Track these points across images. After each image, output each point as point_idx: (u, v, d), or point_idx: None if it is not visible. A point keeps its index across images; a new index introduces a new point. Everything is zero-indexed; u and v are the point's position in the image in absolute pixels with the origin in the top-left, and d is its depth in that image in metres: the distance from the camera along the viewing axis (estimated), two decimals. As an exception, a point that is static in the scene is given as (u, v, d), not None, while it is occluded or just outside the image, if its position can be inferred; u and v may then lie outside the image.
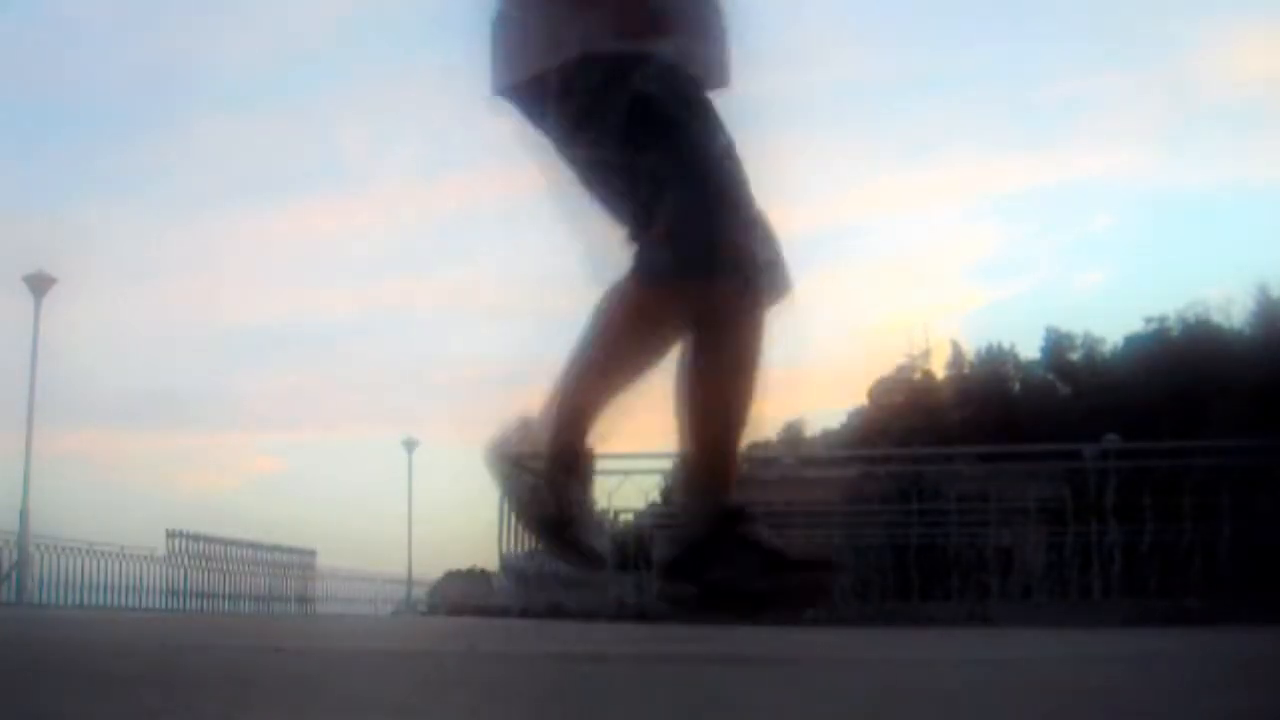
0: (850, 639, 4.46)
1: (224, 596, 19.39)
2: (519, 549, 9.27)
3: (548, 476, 2.51)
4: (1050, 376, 34.54)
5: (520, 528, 2.56)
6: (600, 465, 2.93)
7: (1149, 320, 32.71)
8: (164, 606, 17.62)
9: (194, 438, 50.91)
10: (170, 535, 19.00)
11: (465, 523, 47.82)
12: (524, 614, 7.28)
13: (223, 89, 46.23)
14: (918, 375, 34.04)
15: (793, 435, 36.81)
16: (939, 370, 34.71)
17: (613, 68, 2.49)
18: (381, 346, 49.21)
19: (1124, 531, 10.31)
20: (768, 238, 2.46)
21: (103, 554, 18.88)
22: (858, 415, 34.37)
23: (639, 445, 2.65)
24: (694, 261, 2.38)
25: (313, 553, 22.71)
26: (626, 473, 11.11)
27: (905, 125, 46.55)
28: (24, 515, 18.91)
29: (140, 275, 46.65)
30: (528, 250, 2.95)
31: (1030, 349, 35.14)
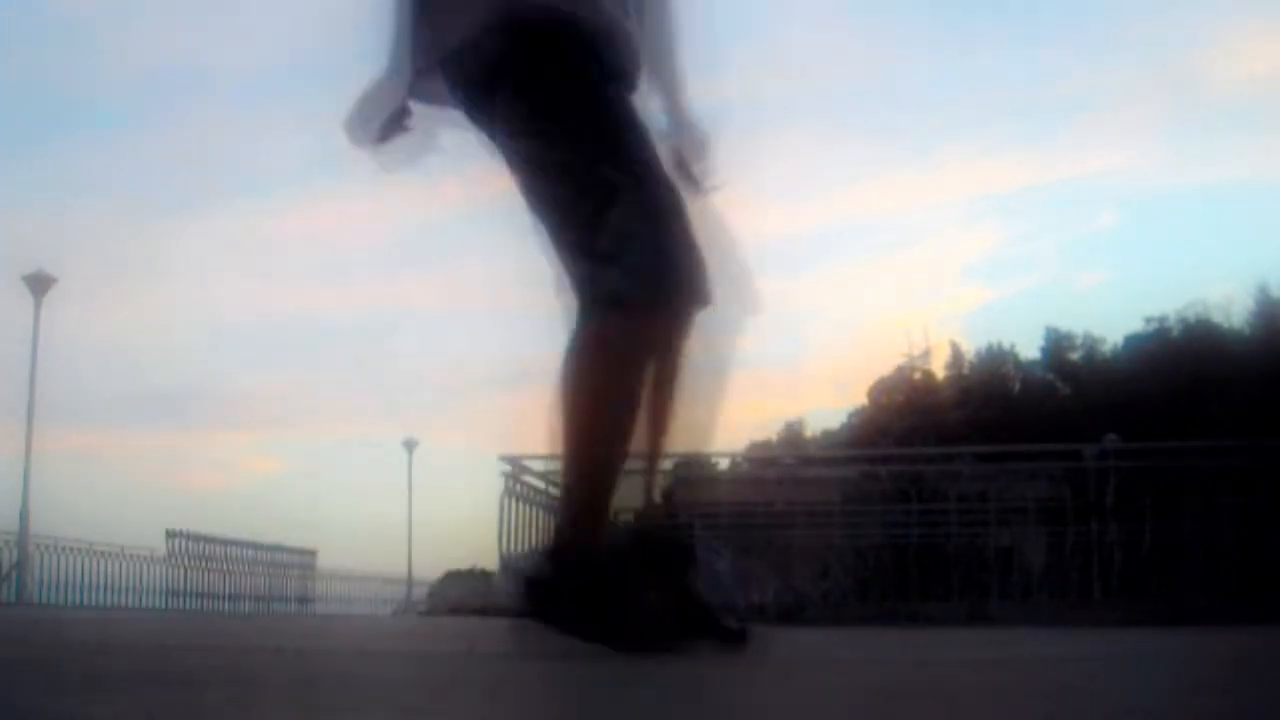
0: (850, 639, 4.46)
1: (224, 596, 19.39)
2: (519, 549, 9.27)
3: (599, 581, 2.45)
4: (1050, 376, 34.53)
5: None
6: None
7: (1149, 320, 32.73)
8: (164, 606, 17.62)
9: (194, 437, 50.92)
10: (170, 535, 19.03)
11: (465, 523, 47.81)
12: (524, 614, 7.26)
13: (222, 89, 46.23)
14: (918, 375, 34.00)
15: (793, 435, 36.82)
16: (939, 370, 34.69)
17: (580, 49, 2.34)
18: (381, 346, 49.25)
19: (1124, 531, 10.30)
20: (727, 252, 2.47)
21: (103, 554, 18.90)
22: (858, 415, 34.35)
23: (639, 445, 2.62)
24: (652, 280, 2.34)
25: (313, 553, 22.72)
26: (626, 472, 11.08)
27: (905, 125, 46.55)
28: (24, 515, 18.93)
29: (140, 275, 46.68)
30: (526, 250, 2.96)
31: (1030, 349, 35.16)
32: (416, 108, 2.57)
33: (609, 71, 2.41)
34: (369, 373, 51.60)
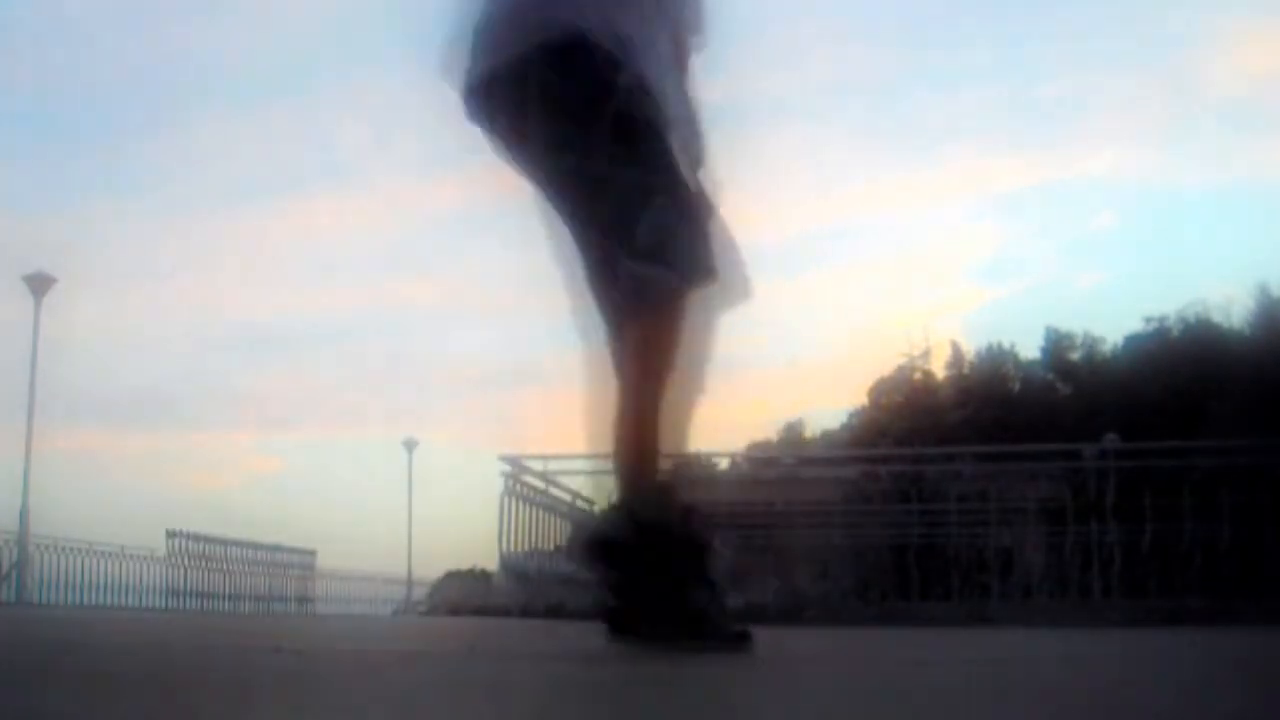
0: (850, 639, 4.46)
1: (224, 596, 19.38)
2: (519, 549, 9.27)
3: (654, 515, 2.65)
4: (1050, 376, 34.52)
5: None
6: (597, 465, 3.01)
7: (1149, 320, 32.72)
8: (164, 606, 17.61)
9: (194, 437, 50.94)
10: (170, 535, 19.04)
11: (465, 523, 47.83)
12: (524, 614, 7.27)
13: (222, 88, 46.26)
14: (918, 375, 34.00)
15: (793, 435, 36.83)
16: (939, 370, 34.68)
17: (603, 63, 2.52)
18: (381, 346, 49.27)
19: (1124, 531, 10.30)
20: (727, 242, 2.60)
21: (103, 554, 18.91)
22: (858, 415, 34.35)
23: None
24: (691, 274, 2.53)
25: (313, 553, 22.72)
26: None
27: (905, 125, 46.56)
28: (24, 515, 18.93)
29: (140, 275, 46.69)
30: (525, 250, 2.98)
31: (1030, 349, 35.17)
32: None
33: (630, 80, 2.54)
34: (369, 373, 51.62)
